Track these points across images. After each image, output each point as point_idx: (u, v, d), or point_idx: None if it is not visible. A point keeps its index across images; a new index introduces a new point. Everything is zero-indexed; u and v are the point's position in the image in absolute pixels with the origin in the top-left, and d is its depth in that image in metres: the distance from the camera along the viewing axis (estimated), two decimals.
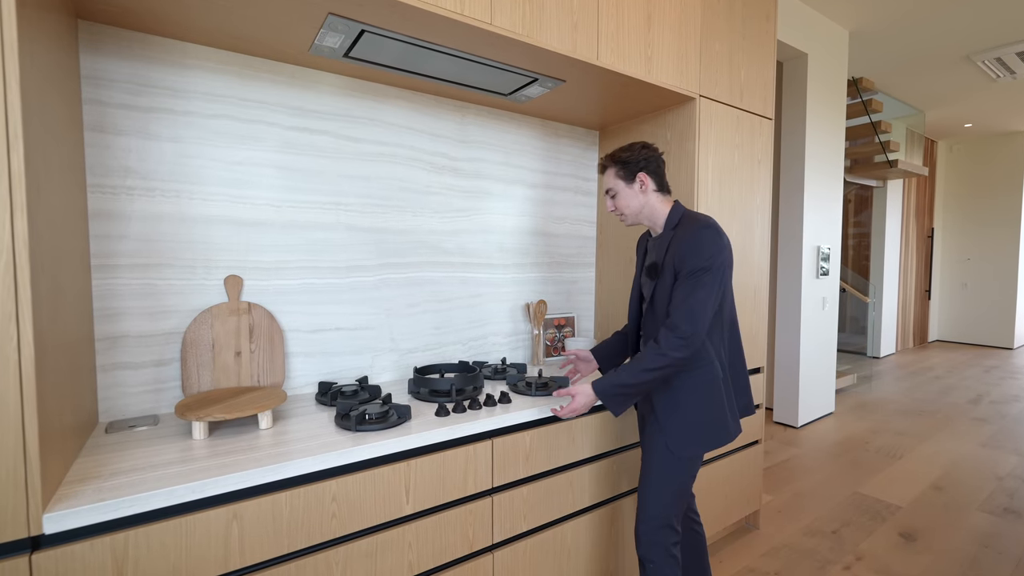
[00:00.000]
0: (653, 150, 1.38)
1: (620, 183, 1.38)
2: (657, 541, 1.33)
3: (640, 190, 1.37)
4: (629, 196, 1.38)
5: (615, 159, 1.38)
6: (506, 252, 1.99)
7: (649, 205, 1.38)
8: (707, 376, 1.31)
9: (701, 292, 1.23)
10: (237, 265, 1.42)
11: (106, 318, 1.26)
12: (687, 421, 1.31)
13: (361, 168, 1.62)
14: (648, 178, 1.36)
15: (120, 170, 1.26)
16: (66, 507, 0.84)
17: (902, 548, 2.07)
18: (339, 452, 1.09)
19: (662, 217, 1.37)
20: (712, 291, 1.24)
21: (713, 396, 1.31)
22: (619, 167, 1.38)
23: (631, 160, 1.36)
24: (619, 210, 1.41)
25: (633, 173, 1.36)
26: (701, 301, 1.22)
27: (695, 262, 1.24)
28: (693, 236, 1.27)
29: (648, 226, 1.43)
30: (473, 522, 1.31)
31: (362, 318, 1.65)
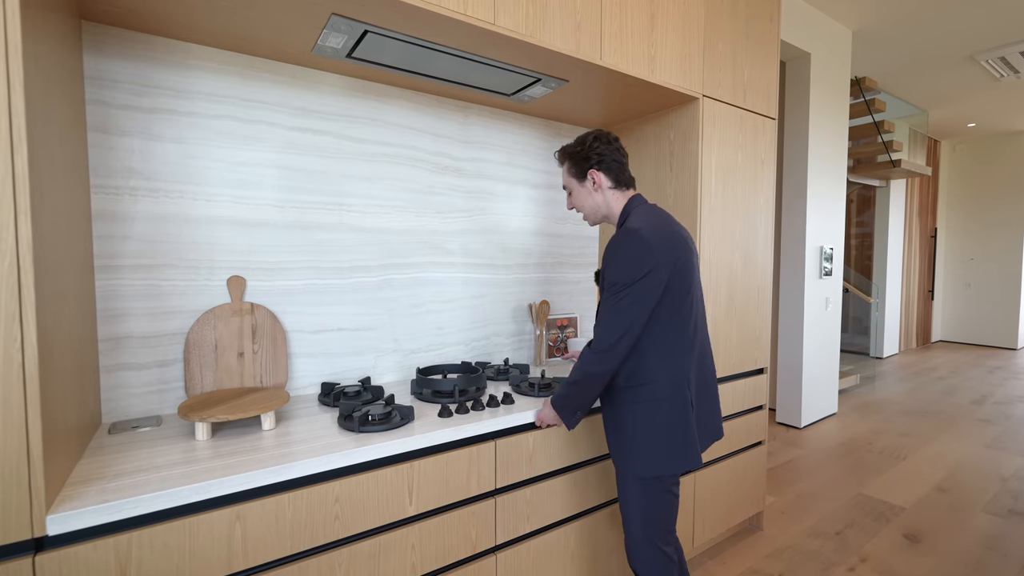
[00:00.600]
0: (607, 141, 1.26)
1: (573, 181, 1.30)
2: (645, 561, 1.29)
3: (593, 188, 1.28)
4: (582, 195, 1.29)
5: (566, 154, 1.30)
6: (509, 252, 1.99)
7: (606, 204, 1.28)
8: (648, 395, 1.20)
9: (620, 305, 1.14)
10: (240, 266, 1.42)
11: (109, 319, 1.26)
12: (627, 441, 1.23)
13: (364, 168, 1.62)
14: (601, 175, 1.26)
15: (123, 171, 1.26)
16: (70, 508, 0.83)
17: (906, 550, 2.06)
18: (342, 453, 1.09)
19: (616, 216, 1.29)
20: (632, 306, 1.14)
21: (655, 417, 1.20)
22: (571, 163, 1.28)
23: (581, 155, 1.26)
24: (576, 209, 1.34)
25: (584, 171, 1.26)
26: (619, 315, 1.14)
27: (613, 275, 1.16)
28: (615, 245, 1.17)
29: (611, 225, 1.35)
30: (476, 523, 1.31)
31: (365, 318, 1.65)
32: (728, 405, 1.99)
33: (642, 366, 1.21)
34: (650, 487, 1.25)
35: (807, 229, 3.48)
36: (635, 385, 1.22)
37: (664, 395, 1.20)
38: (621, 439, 1.25)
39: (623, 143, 2.13)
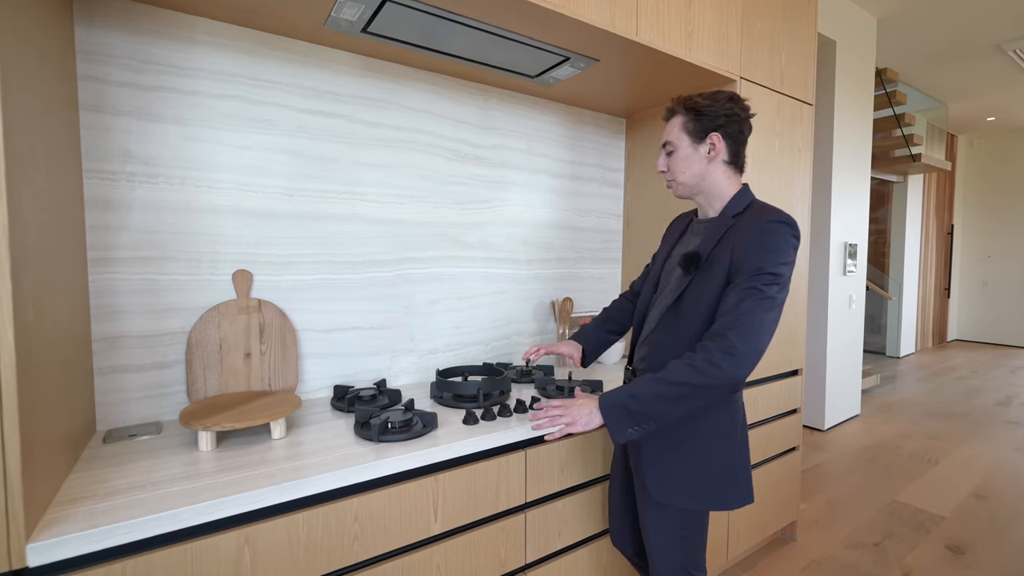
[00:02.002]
0: (743, 108, 1.06)
1: (685, 138, 1.07)
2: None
3: (708, 155, 1.06)
4: (691, 159, 1.07)
5: (689, 105, 1.06)
6: (530, 246, 1.87)
7: (711, 178, 1.08)
8: (725, 417, 1.04)
9: (766, 303, 0.93)
10: (246, 259, 1.31)
11: (104, 316, 1.15)
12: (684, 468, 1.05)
13: (378, 155, 1.51)
14: (722, 142, 1.05)
15: (119, 154, 1.15)
16: (54, 535, 0.72)
17: (951, 563, 1.94)
18: (361, 467, 0.97)
19: (723, 198, 1.08)
20: (778, 306, 0.96)
21: (729, 444, 1.05)
22: (690, 117, 1.05)
23: (708, 112, 1.03)
24: (672, 173, 1.10)
25: (706, 130, 1.04)
26: (763, 316, 0.93)
27: (764, 264, 0.94)
28: (766, 231, 0.97)
29: (699, 204, 1.14)
30: (505, 540, 1.20)
31: (379, 316, 1.54)
32: (763, 409, 1.87)
33: None
34: (696, 515, 1.12)
35: (831, 224, 3.36)
36: (727, 402, 1.05)
37: (741, 419, 1.05)
38: (674, 464, 1.07)
39: (646, 131, 2.02)
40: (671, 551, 1.12)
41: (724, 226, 1.05)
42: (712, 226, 1.08)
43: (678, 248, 1.18)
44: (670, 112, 1.12)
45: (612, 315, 1.44)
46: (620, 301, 1.46)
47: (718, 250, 1.03)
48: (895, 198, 6.13)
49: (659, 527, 1.12)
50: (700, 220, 1.16)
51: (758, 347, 0.92)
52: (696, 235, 1.14)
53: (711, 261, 1.03)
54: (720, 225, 1.06)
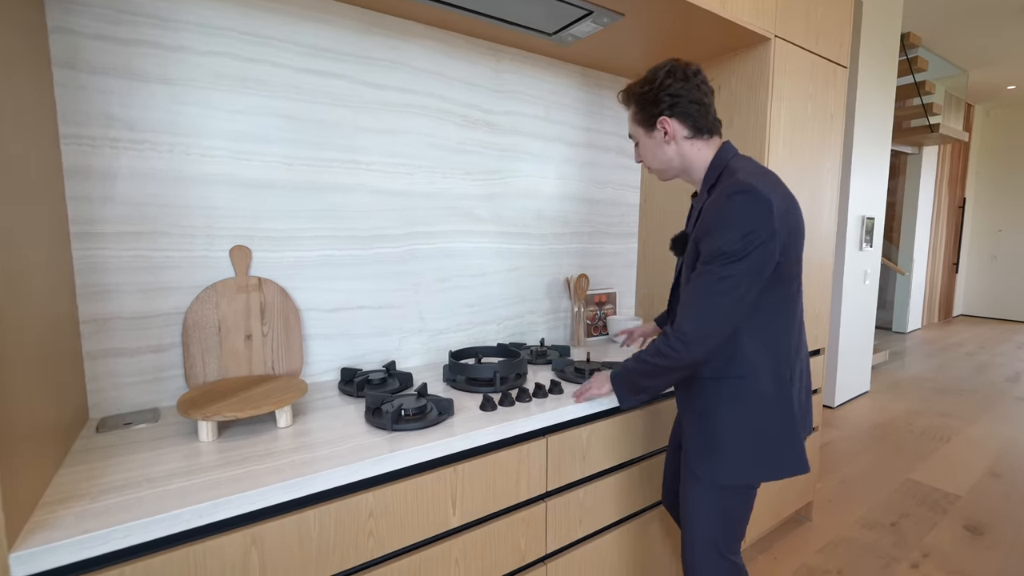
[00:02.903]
0: (684, 77, 0.99)
1: (639, 129, 1.05)
2: (711, 572, 1.09)
3: (664, 139, 1.03)
4: (651, 147, 1.05)
5: (631, 95, 1.04)
6: (544, 220, 1.77)
7: (681, 157, 1.03)
8: (746, 390, 1.00)
9: (718, 285, 0.91)
10: (244, 234, 1.21)
11: (92, 296, 1.06)
12: (715, 443, 1.02)
13: (384, 120, 1.39)
14: (673, 123, 1.00)
15: (100, 117, 1.04)
16: (41, 542, 0.65)
17: (970, 543, 1.91)
18: (375, 459, 0.90)
19: (701, 171, 1.04)
20: (740, 285, 0.90)
21: (755, 417, 1.00)
22: (637, 108, 1.03)
23: (649, 97, 1.00)
24: (643, 160, 1.10)
25: (652, 117, 1.01)
26: (714, 299, 0.91)
27: (719, 243, 0.91)
28: (721, 207, 0.92)
29: (688, 181, 1.10)
30: (525, 531, 1.14)
31: (387, 295, 1.45)
32: None
33: (740, 354, 0.98)
34: (735, 493, 1.06)
35: (851, 196, 3.24)
36: (730, 377, 1.00)
37: (767, 391, 0.99)
38: (706, 439, 1.05)
39: None
40: (707, 528, 1.08)
41: (701, 203, 1.02)
42: (696, 203, 1.08)
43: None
44: (625, 104, 1.10)
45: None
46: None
47: (696, 228, 1.00)
48: (909, 170, 5.97)
49: (700, 500, 1.08)
50: (696, 198, 1.13)
51: (708, 329, 0.94)
52: (691, 215, 1.13)
53: (691, 241, 1.02)
54: (700, 202, 1.05)
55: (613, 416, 1.28)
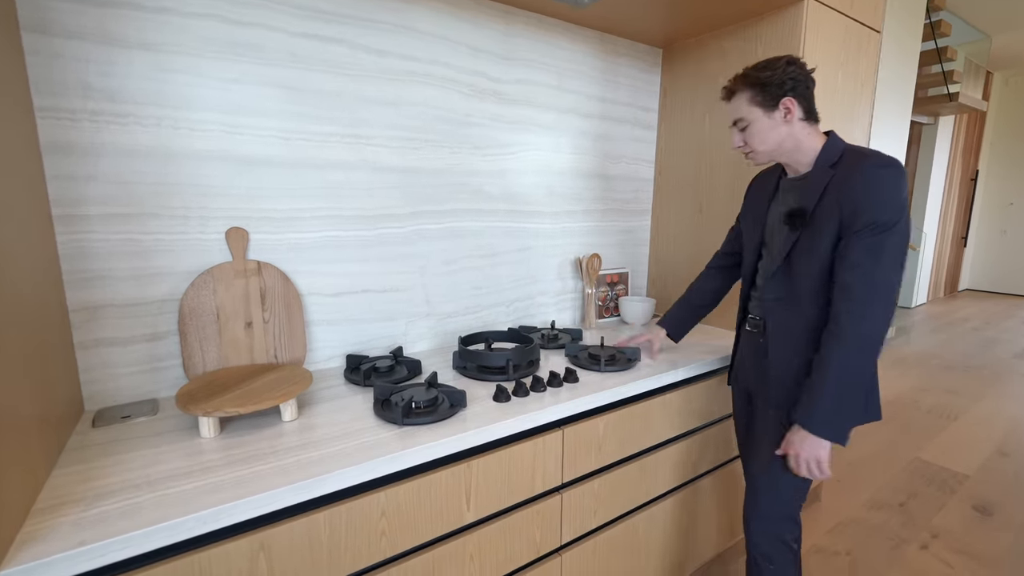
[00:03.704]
0: (802, 67, 1.04)
1: (756, 112, 1.05)
2: (778, 537, 1.14)
3: (784, 119, 1.04)
4: (767, 128, 1.05)
5: (750, 81, 1.05)
6: (556, 197, 1.68)
7: (793, 137, 1.05)
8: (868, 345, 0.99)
9: (885, 258, 0.93)
10: (240, 215, 1.14)
11: (80, 283, 0.99)
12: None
13: (387, 90, 1.29)
14: (795, 104, 1.03)
15: (78, 87, 0.95)
16: (33, 557, 0.61)
17: (979, 524, 1.91)
18: (387, 458, 0.85)
19: (810, 152, 1.06)
20: (901, 257, 0.94)
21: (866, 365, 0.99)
22: (756, 91, 1.04)
23: (773, 81, 1.02)
24: (750, 146, 1.09)
25: (776, 98, 1.03)
26: (886, 273, 0.93)
27: (877, 214, 0.93)
28: (872, 178, 0.95)
29: (786, 163, 1.11)
30: (541, 523, 1.11)
31: (393, 278, 1.38)
32: None
33: None
34: None
35: None
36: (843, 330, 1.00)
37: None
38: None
39: (687, 63, 1.77)
40: (786, 496, 1.12)
41: (823, 179, 1.02)
42: (810, 181, 1.05)
43: (775, 207, 1.15)
44: (730, 92, 1.09)
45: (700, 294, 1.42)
46: (707, 274, 1.42)
47: (823, 204, 1.01)
48: (923, 141, 5.80)
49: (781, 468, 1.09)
50: (791, 178, 1.12)
51: (889, 300, 0.95)
52: (791, 192, 1.11)
53: (817, 216, 1.01)
54: (819, 178, 1.03)
55: (630, 405, 1.24)
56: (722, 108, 1.66)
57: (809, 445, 1.00)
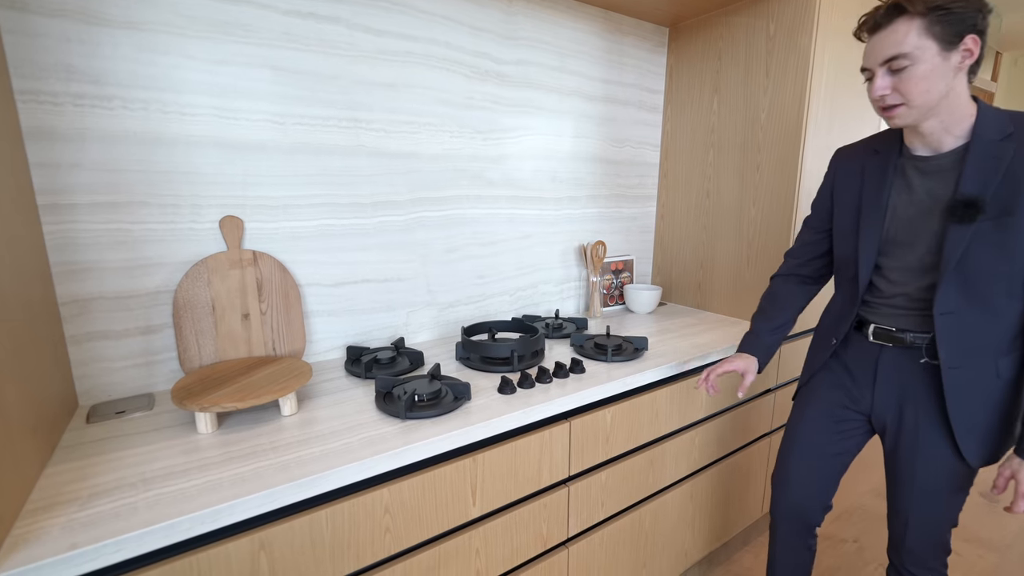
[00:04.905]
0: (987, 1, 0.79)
1: (931, 46, 0.78)
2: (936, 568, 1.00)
3: (958, 65, 0.80)
4: (936, 73, 0.79)
5: (932, 3, 0.77)
6: (559, 183, 1.64)
7: (955, 94, 0.82)
8: None
9: None
10: (234, 203, 1.10)
11: (69, 276, 0.95)
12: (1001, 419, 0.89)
13: (385, 72, 1.24)
14: (978, 46, 0.78)
15: (59, 69, 0.90)
16: (23, 562, 0.58)
17: (986, 511, 1.90)
18: (390, 453, 0.83)
19: (966, 120, 0.84)
20: None
21: None
22: (935, 17, 0.77)
23: (960, 9, 0.76)
24: (904, 94, 0.81)
25: (960, 34, 0.77)
26: None
27: None
28: None
29: (926, 132, 0.87)
30: (547, 517, 1.09)
31: (393, 267, 1.35)
32: None
33: None
34: None
35: None
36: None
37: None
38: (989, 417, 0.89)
39: (693, 43, 1.71)
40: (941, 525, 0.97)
41: (999, 156, 0.81)
42: (975, 160, 0.83)
43: (904, 195, 0.92)
44: (892, 13, 0.80)
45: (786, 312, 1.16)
46: (786, 287, 1.17)
47: (1008, 187, 0.80)
48: None
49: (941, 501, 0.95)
50: (927, 156, 0.89)
51: None
52: (933, 175, 0.89)
53: (1004, 203, 0.81)
54: (988, 156, 0.82)
55: (638, 396, 1.21)
56: (731, 88, 1.61)
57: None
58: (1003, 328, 0.86)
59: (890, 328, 0.96)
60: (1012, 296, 0.84)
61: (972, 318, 0.86)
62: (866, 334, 1.00)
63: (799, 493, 1.13)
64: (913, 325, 0.94)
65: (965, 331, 0.87)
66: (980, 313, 0.86)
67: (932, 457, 0.93)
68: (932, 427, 0.93)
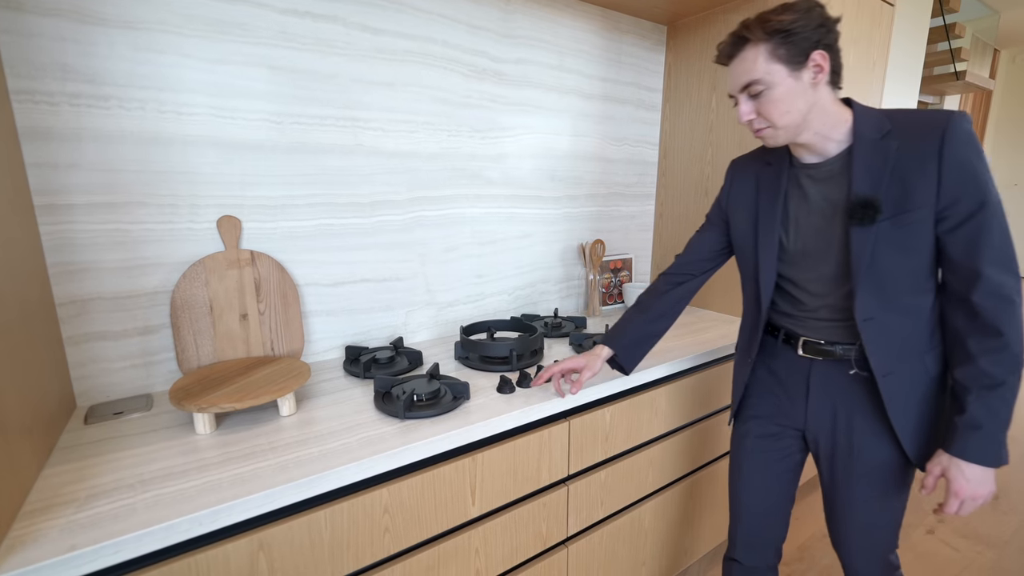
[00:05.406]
0: (827, 11, 0.80)
1: (779, 69, 0.79)
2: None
3: (812, 82, 0.80)
4: (793, 93, 0.80)
5: (772, 28, 0.78)
6: (558, 182, 1.64)
7: (820, 107, 0.82)
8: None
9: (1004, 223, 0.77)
10: (232, 203, 1.09)
11: (67, 276, 0.95)
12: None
13: (383, 71, 1.24)
14: (826, 60, 0.79)
15: (55, 69, 0.90)
16: (20, 564, 0.58)
17: (985, 508, 1.90)
18: (389, 453, 0.83)
19: (841, 126, 0.83)
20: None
21: None
22: (779, 41, 0.78)
23: (800, 27, 0.77)
24: (767, 119, 0.83)
25: (805, 52, 0.78)
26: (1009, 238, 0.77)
27: (983, 179, 0.76)
28: (966, 139, 0.76)
29: (805, 144, 0.86)
30: (547, 516, 1.09)
31: (392, 266, 1.34)
32: None
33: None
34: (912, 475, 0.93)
35: None
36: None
37: None
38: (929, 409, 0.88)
39: (690, 41, 1.71)
40: (887, 537, 0.94)
41: (883, 154, 0.80)
42: (860, 162, 0.82)
43: (802, 205, 0.90)
44: (737, 42, 0.82)
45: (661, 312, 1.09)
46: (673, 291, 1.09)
47: (896, 185, 0.80)
48: None
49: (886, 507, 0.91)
50: (815, 163, 0.88)
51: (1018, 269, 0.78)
52: (824, 182, 0.87)
53: (896, 201, 0.80)
54: (873, 156, 0.81)
55: (637, 394, 1.21)
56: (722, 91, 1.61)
57: (982, 481, 0.79)
58: (922, 326, 0.85)
59: (819, 341, 0.93)
60: (922, 292, 0.83)
61: (893, 321, 0.85)
62: (796, 348, 0.96)
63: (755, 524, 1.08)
64: (840, 336, 0.91)
65: (890, 335, 0.85)
66: (899, 315, 0.84)
67: (871, 457, 0.90)
68: (868, 430, 0.90)
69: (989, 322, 0.77)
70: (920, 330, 0.85)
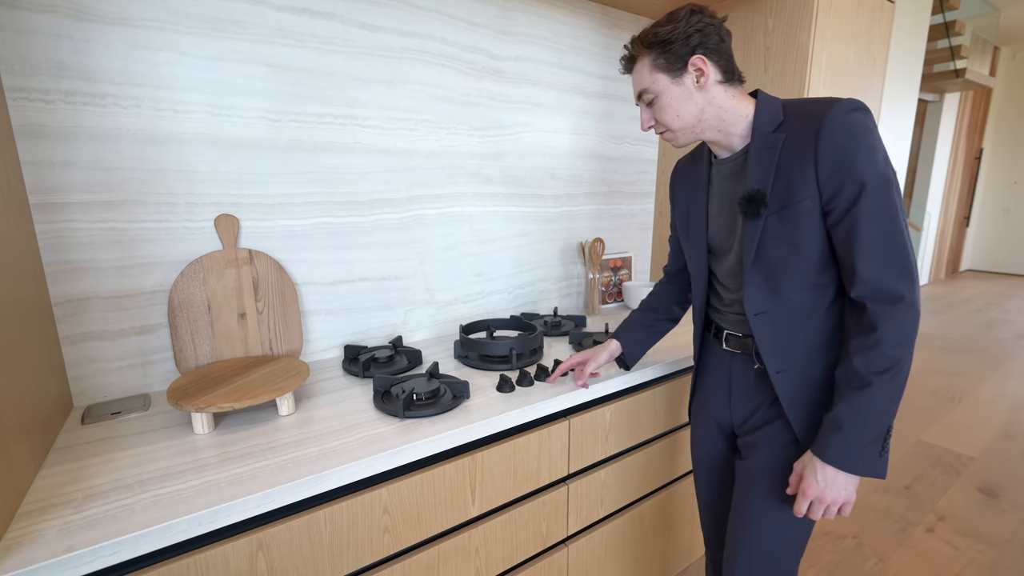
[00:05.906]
0: (710, 15, 0.82)
1: (662, 78, 0.82)
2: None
3: (695, 85, 0.82)
4: (678, 99, 0.83)
5: (649, 40, 0.82)
6: (557, 180, 1.63)
7: (716, 108, 0.83)
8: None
9: (893, 217, 0.73)
10: (229, 201, 1.09)
11: (63, 275, 0.94)
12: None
13: (380, 68, 1.23)
14: (707, 63, 0.81)
15: (50, 66, 0.89)
16: (18, 565, 0.57)
17: (985, 506, 1.90)
18: (389, 452, 0.82)
19: (742, 121, 0.84)
20: (902, 211, 0.75)
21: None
22: (657, 53, 0.82)
23: (675, 36, 0.80)
24: (662, 124, 0.86)
25: (682, 58, 0.81)
26: (901, 236, 0.73)
27: (867, 169, 0.73)
28: (854, 126, 0.73)
29: (712, 141, 0.88)
30: (547, 515, 1.08)
31: (391, 265, 1.34)
32: None
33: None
34: None
35: None
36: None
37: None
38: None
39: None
40: (785, 553, 0.89)
41: (772, 147, 0.80)
42: (754, 154, 0.82)
43: (716, 200, 0.92)
44: (629, 61, 0.87)
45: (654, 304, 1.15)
46: (660, 289, 1.16)
47: (782, 178, 0.79)
48: (928, 119, 5.71)
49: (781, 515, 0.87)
50: (725, 159, 0.89)
51: (913, 267, 0.74)
52: (731, 177, 0.88)
53: (782, 194, 0.79)
54: (764, 149, 0.81)
55: (637, 393, 1.21)
56: None
57: (836, 486, 0.76)
58: (818, 324, 0.83)
59: (738, 334, 0.93)
60: (813, 288, 0.81)
61: (785, 317, 0.83)
62: (722, 342, 0.97)
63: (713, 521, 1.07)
64: (748, 330, 0.90)
65: (781, 332, 0.84)
66: (791, 311, 0.83)
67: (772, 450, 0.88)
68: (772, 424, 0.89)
69: (869, 320, 0.75)
70: (817, 328, 0.83)
